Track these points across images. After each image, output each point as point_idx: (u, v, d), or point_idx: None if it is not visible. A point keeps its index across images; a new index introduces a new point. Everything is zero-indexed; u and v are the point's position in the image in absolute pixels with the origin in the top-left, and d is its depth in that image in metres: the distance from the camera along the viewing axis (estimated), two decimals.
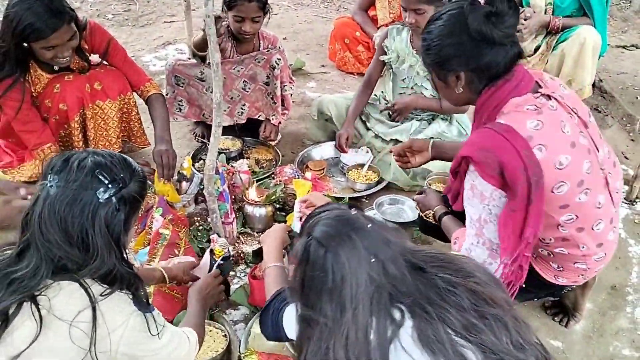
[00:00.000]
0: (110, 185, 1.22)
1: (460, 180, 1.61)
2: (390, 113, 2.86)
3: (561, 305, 2.04)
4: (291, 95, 3.12)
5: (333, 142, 2.90)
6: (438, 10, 1.64)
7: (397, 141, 2.77)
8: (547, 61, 3.22)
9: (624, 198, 2.69)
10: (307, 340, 1.13)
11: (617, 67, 4.06)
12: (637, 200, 2.70)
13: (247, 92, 2.94)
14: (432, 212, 2.03)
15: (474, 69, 1.56)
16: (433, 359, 1.02)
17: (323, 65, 4.15)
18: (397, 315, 1.08)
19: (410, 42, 2.70)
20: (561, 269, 1.72)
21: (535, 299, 2.03)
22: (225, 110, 2.89)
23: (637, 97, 3.67)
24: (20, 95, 2.35)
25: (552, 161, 1.49)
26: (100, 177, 1.21)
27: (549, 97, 1.55)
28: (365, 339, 1.05)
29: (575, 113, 1.59)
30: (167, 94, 2.90)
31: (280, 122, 3.04)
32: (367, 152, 2.85)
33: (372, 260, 1.11)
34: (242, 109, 3.00)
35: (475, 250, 1.64)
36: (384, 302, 1.08)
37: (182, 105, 2.98)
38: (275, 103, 2.96)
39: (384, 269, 1.10)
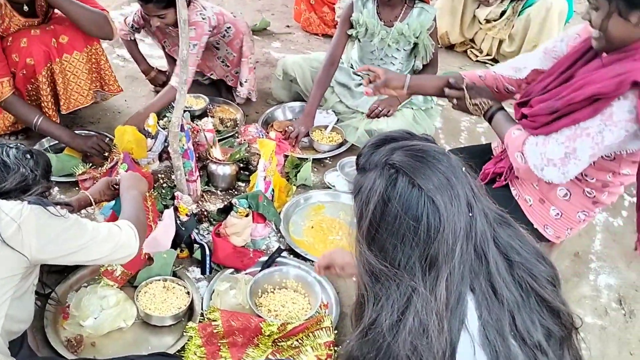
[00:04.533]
0: None
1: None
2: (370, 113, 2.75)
3: None
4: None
5: (297, 103, 2.89)
6: None
7: (362, 113, 2.78)
8: (513, 26, 3.25)
9: None
10: (375, 297, 0.93)
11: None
12: None
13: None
14: (476, 104, 1.80)
15: None
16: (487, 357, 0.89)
17: (288, 26, 4.08)
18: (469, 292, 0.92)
19: (378, 14, 2.64)
20: (558, 216, 1.71)
21: None
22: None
23: None
24: None
25: None
26: None
27: None
28: (458, 306, 0.90)
29: None
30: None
31: (239, 86, 2.97)
32: (331, 113, 2.84)
33: (470, 214, 0.92)
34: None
35: (552, 145, 1.53)
36: (474, 270, 0.92)
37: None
38: (228, 66, 2.95)
39: (475, 227, 0.92)
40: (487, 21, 3.45)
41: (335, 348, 1.64)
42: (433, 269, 0.89)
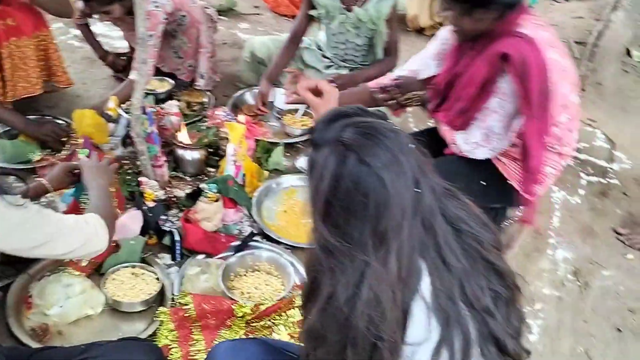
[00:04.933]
0: None
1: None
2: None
3: None
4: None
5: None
6: None
7: None
8: None
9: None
10: (330, 273, 0.95)
11: (547, 18, 4.19)
12: None
13: None
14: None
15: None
16: (441, 326, 0.93)
17: (256, 7, 4.01)
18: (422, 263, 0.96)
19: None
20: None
21: (489, 207, 2.05)
22: None
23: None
24: None
25: (562, 63, 1.70)
26: None
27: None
28: (411, 278, 0.93)
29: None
30: None
31: (191, 79, 2.87)
32: None
33: (416, 190, 0.95)
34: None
35: (473, 131, 1.82)
36: (423, 242, 0.96)
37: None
38: (181, 57, 2.82)
39: (422, 201, 0.96)
40: None
41: None
42: (383, 243, 0.93)
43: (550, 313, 1.98)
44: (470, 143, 1.84)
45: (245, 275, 1.88)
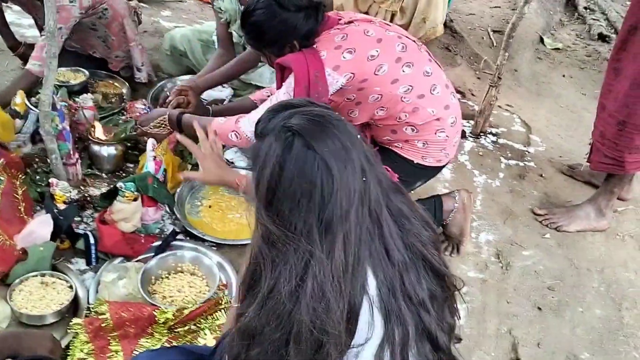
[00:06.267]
0: None
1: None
2: None
3: (446, 236, 2.17)
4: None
5: (189, 76, 2.71)
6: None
7: (257, 87, 2.64)
8: (404, 0, 3.30)
9: (470, 132, 2.92)
10: (272, 264, 0.91)
11: (466, 8, 4.34)
12: (481, 134, 2.96)
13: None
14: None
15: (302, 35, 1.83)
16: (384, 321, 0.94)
17: None
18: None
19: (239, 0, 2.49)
20: (426, 145, 1.95)
21: (414, 189, 2.15)
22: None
23: (483, 38, 3.97)
24: None
25: (364, 56, 1.80)
26: None
27: (350, 22, 1.89)
28: (357, 269, 0.91)
29: (374, 21, 1.94)
30: None
31: (136, 72, 2.74)
32: (227, 87, 2.72)
33: (363, 179, 0.93)
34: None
35: (261, 113, 1.86)
36: (369, 233, 0.94)
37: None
38: (109, 48, 2.69)
39: (368, 191, 0.94)
40: None
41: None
42: (329, 232, 0.90)
43: (475, 296, 2.04)
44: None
45: (167, 277, 1.80)
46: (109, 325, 1.54)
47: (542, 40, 4.10)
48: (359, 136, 0.98)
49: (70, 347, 1.53)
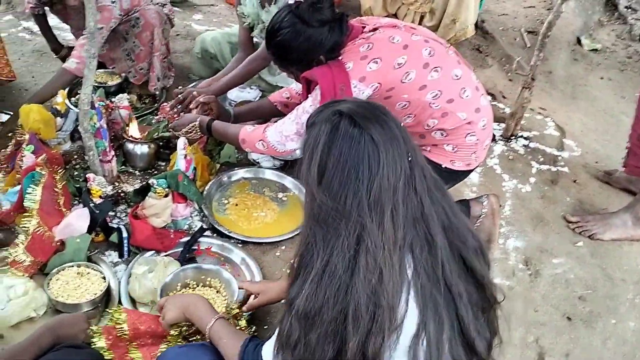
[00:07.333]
0: None
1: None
2: None
3: None
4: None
5: (206, 80, 2.72)
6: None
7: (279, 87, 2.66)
8: (434, 0, 3.29)
9: (501, 135, 2.87)
10: (324, 241, 0.94)
11: (499, 8, 4.25)
12: (512, 137, 2.88)
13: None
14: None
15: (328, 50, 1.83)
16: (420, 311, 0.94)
17: None
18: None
19: (260, 3, 2.51)
20: (455, 149, 1.91)
21: None
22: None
23: (515, 39, 3.89)
24: None
25: (390, 65, 1.78)
26: None
27: (375, 29, 1.86)
28: (404, 244, 0.94)
29: (399, 26, 1.91)
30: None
31: (143, 82, 2.76)
32: (254, 88, 2.77)
33: (410, 158, 0.96)
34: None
35: (287, 125, 1.90)
36: (414, 212, 0.96)
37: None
38: (133, 61, 2.71)
39: (414, 174, 0.97)
40: None
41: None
42: (378, 204, 0.93)
43: (502, 303, 1.99)
44: (282, 135, 1.90)
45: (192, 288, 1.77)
46: (126, 336, 1.52)
47: (579, 41, 3.98)
48: (403, 126, 1.01)
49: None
